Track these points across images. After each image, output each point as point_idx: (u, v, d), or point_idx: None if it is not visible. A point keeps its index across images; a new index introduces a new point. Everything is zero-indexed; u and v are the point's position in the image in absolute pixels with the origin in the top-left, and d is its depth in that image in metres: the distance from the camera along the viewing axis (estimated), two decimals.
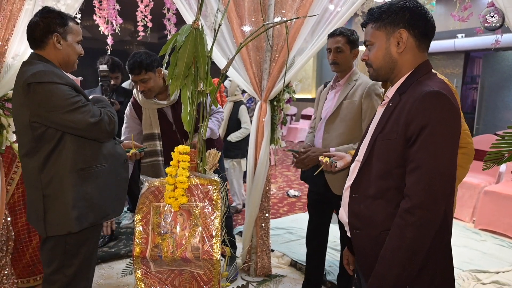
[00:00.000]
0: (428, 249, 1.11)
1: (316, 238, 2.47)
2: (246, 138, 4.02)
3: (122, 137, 2.39)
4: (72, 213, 1.60)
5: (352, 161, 1.38)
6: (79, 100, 1.60)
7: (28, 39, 1.66)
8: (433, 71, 1.26)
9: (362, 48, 1.52)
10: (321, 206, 2.41)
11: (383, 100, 1.31)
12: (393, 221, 1.14)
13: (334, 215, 2.58)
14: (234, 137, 4.01)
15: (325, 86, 2.42)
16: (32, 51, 1.68)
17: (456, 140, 1.12)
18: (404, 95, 1.19)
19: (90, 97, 1.76)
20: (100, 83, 2.94)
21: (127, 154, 1.93)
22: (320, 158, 1.98)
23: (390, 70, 1.25)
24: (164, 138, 2.36)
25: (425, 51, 1.24)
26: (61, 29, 1.64)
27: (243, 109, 4.07)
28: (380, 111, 1.30)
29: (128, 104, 2.43)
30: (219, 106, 2.60)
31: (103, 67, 2.95)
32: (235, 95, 4.10)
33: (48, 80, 1.54)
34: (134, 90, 2.38)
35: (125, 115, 2.43)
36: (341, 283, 2.47)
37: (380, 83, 1.99)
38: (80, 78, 2.55)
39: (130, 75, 2.21)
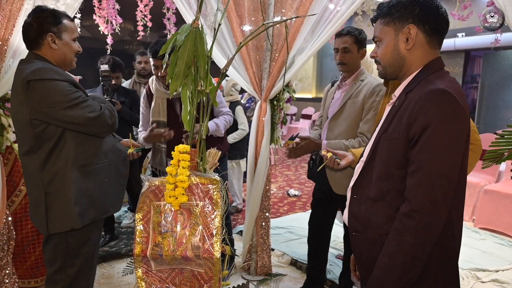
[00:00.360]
0: (430, 255, 1.07)
1: (318, 237, 2.46)
2: (244, 139, 3.97)
3: (140, 128, 2.53)
4: (74, 209, 1.61)
5: (358, 161, 1.34)
6: (79, 96, 1.59)
7: (24, 40, 1.64)
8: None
9: (370, 46, 1.49)
10: (325, 204, 2.41)
11: (391, 99, 1.26)
12: (393, 224, 1.10)
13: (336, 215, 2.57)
14: (231, 138, 3.93)
15: (332, 85, 2.41)
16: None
17: (461, 141, 1.06)
18: (411, 93, 1.13)
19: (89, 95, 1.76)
20: (102, 83, 2.95)
21: None
22: (323, 152, 1.96)
23: (398, 68, 1.19)
24: (169, 128, 2.38)
25: (436, 47, 1.17)
26: (55, 28, 1.62)
27: (239, 109, 3.95)
28: (387, 110, 1.25)
29: (142, 94, 2.53)
30: (228, 108, 2.61)
31: (104, 67, 2.95)
32: (231, 95, 3.99)
33: (47, 77, 1.53)
34: (150, 79, 2.47)
35: (140, 106, 2.55)
36: (343, 282, 2.48)
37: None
38: (79, 77, 2.55)
39: (152, 60, 2.29)
